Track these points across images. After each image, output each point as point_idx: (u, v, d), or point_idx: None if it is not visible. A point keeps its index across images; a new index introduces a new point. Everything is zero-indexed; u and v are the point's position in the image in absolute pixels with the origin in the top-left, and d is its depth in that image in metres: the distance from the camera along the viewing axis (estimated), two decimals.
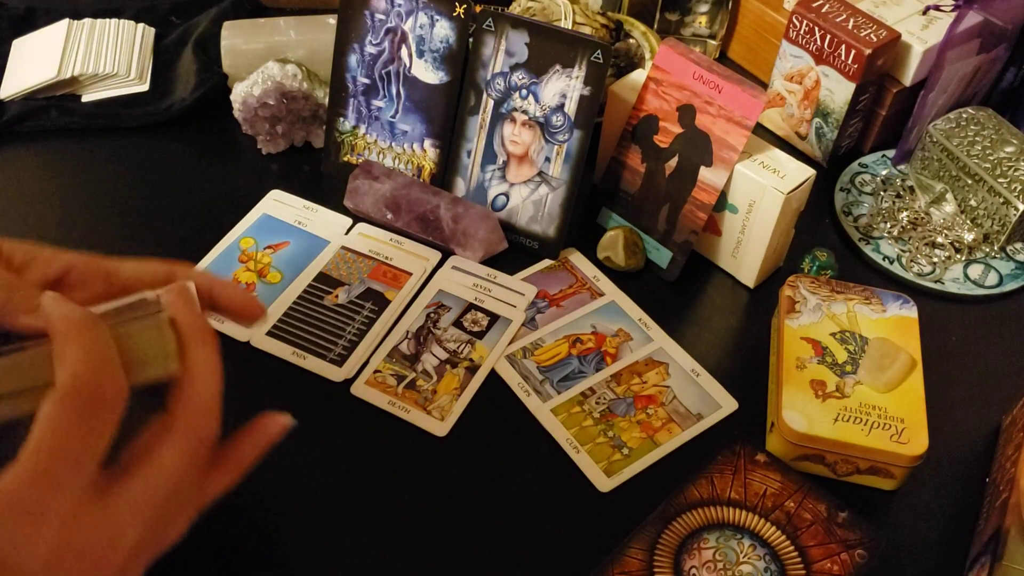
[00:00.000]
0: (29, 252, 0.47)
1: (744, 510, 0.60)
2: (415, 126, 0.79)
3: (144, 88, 0.89)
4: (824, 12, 0.80)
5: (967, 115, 0.82)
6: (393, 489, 0.62)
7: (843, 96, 0.81)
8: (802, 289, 0.70)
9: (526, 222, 0.77)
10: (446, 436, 0.65)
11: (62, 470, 0.38)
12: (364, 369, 0.69)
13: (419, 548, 0.60)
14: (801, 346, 0.66)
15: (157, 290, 0.44)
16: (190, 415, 0.42)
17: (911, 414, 0.62)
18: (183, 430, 0.42)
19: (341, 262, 0.76)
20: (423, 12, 0.75)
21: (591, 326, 0.73)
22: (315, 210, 0.80)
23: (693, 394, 0.68)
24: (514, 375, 0.69)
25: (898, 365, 0.64)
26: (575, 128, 0.73)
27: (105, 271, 0.48)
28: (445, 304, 0.73)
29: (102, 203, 0.81)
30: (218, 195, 0.82)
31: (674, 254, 0.75)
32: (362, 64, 0.79)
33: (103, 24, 0.92)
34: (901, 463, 0.61)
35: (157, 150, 0.86)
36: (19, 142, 0.85)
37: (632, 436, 0.66)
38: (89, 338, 0.40)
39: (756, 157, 0.71)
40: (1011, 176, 0.78)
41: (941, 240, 0.80)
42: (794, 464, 0.63)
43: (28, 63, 0.90)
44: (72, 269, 0.47)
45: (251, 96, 0.81)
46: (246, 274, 0.75)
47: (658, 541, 0.59)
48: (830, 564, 0.57)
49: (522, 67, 0.73)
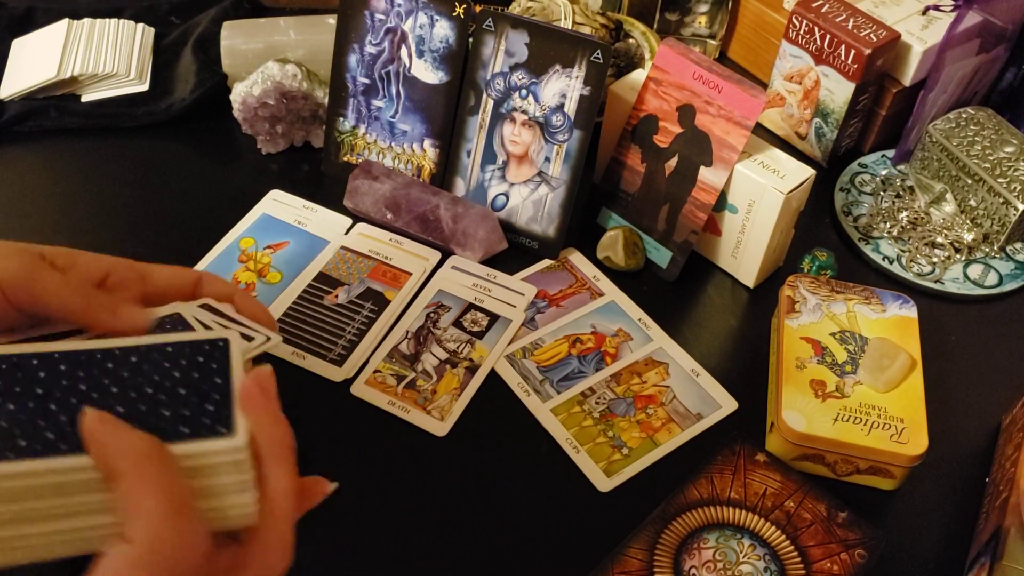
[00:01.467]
0: (69, 256, 0.46)
1: (744, 510, 0.60)
2: (415, 126, 0.79)
3: (144, 88, 0.89)
4: (824, 12, 0.80)
5: (967, 115, 0.82)
6: (393, 489, 0.62)
7: (843, 96, 0.81)
8: (802, 289, 0.70)
9: (526, 222, 0.77)
10: (446, 436, 0.65)
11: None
12: (364, 369, 0.69)
13: (419, 548, 0.60)
14: (801, 346, 0.66)
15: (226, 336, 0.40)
16: (269, 554, 0.38)
17: (911, 414, 0.62)
18: (258, 572, 0.37)
19: (341, 262, 0.76)
20: (423, 12, 0.75)
21: (591, 326, 0.73)
22: (315, 210, 0.80)
23: (693, 394, 0.68)
24: (514, 375, 0.69)
25: (898, 365, 0.64)
26: (575, 128, 0.73)
27: (140, 275, 0.47)
28: (445, 304, 0.73)
29: (102, 203, 0.81)
30: (218, 195, 0.82)
31: (674, 254, 0.75)
32: (362, 64, 0.79)
33: (103, 24, 0.92)
34: (901, 463, 0.61)
35: (157, 150, 0.86)
36: (19, 142, 0.85)
37: (632, 436, 0.66)
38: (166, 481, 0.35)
39: (756, 157, 0.71)
40: (1011, 176, 0.78)
41: (941, 240, 0.80)
42: (794, 464, 0.63)
43: (28, 63, 0.90)
44: (111, 273, 0.46)
45: (251, 96, 0.81)
46: (246, 274, 0.75)
47: (658, 541, 0.59)
48: (830, 564, 0.57)
49: (522, 67, 0.73)
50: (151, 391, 0.38)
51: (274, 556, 0.38)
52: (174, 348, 0.39)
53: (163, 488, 0.34)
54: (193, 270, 0.48)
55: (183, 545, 0.34)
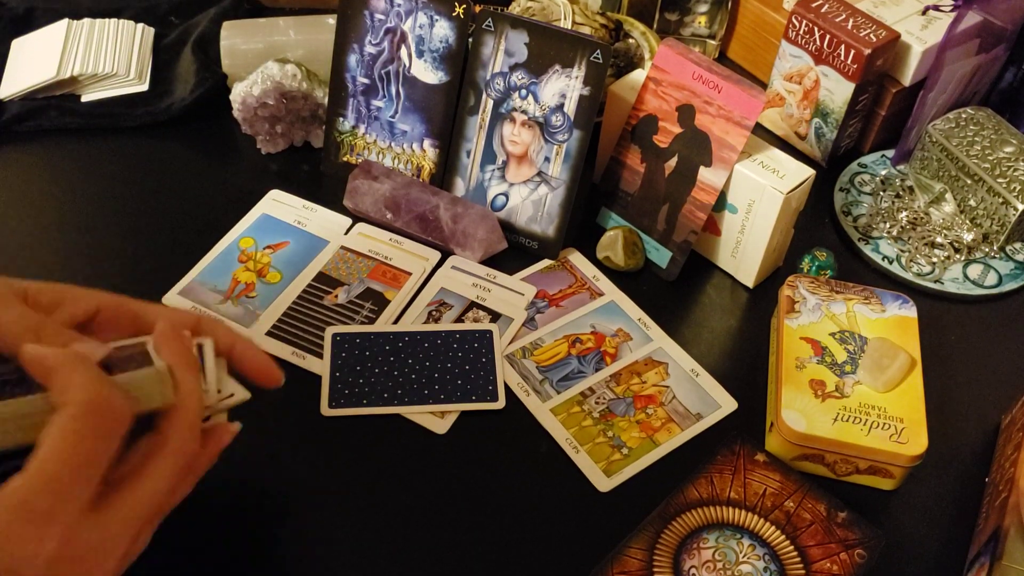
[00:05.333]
0: (58, 292, 0.48)
1: (743, 510, 0.60)
2: (414, 126, 0.79)
3: (143, 88, 0.89)
4: (824, 12, 0.80)
5: (966, 115, 0.82)
6: (393, 488, 0.62)
7: (842, 96, 0.81)
8: (801, 289, 0.70)
9: (525, 222, 0.77)
10: (446, 434, 0.65)
11: (72, 480, 0.40)
12: None
13: (419, 547, 0.60)
14: (800, 346, 0.66)
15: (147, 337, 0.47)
16: (180, 435, 0.45)
17: (910, 414, 0.62)
18: (174, 449, 0.45)
19: (341, 262, 0.76)
20: (423, 12, 0.75)
21: (591, 326, 0.73)
22: (314, 210, 0.80)
23: (692, 394, 0.68)
24: (514, 375, 0.69)
25: (897, 365, 0.64)
26: (574, 128, 0.73)
27: (134, 314, 0.49)
28: (447, 302, 0.73)
29: (102, 203, 0.81)
30: (217, 195, 0.82)
31: (673, 254, 0.76)
32: (362, 64, 0.79)
33: (102, 24, 0.92)
34: (900, 463, 0.61)
35: (157, 150, 0.86)
36: (19, 142, 0.85)
37: (631, 436, 0.66)
38: (92, 367, 0.43)
39: (755, 157, 0.71)
40: (1010, 176, 0.78)
41: (940, 240, 0.80)
42: (793, 464, 0.63)
43: (27, 63, 0.90)
44: (101, 310, 0.49)
45: (250, 96, 0.81)
46: (245, 274, 0.75)
47: (658, 541, 0.59)
48: (829, 564, 0.57)
49: (521, 67, 0.73)
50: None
51: (186, 437, 0.45)
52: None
53: (90, 369, 0.42)
54: (192, 313, 0.51)
55: (112, 406, 0.42)
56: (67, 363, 0.42)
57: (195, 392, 0.46)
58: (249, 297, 0.73)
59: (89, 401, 0.41)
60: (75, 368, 0.42)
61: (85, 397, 0.41)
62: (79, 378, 0.42)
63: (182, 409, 0.45)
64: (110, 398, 0.42)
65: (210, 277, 0.74)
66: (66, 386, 0.42)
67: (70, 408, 0.41)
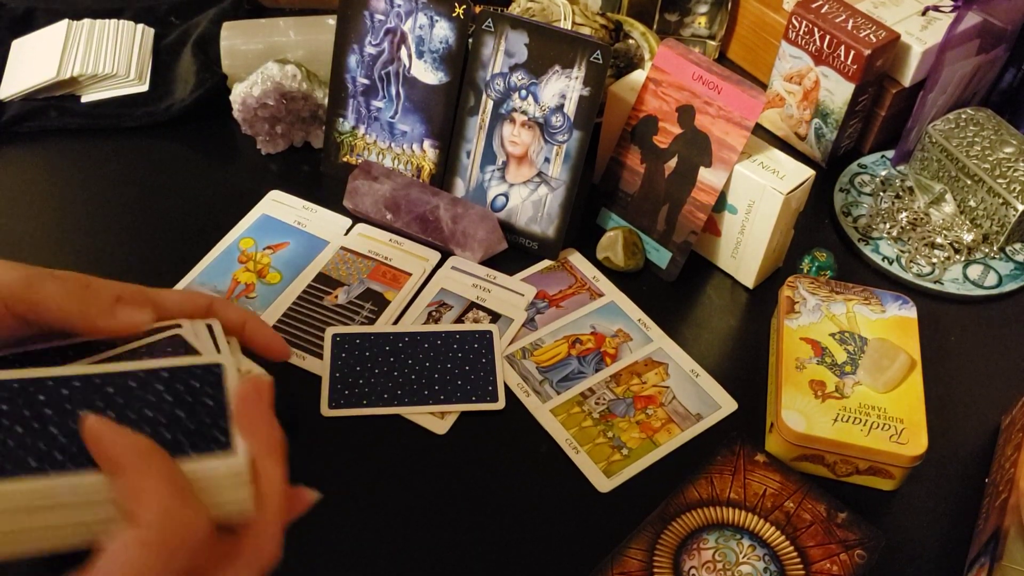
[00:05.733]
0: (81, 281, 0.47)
1: (743, 510, 0.60)
2: (414, 126, 0.79)
3: (143, 88, 0.89)
4: (823, 13, 0.80)
5: (966, 116, 0.82)
6: (393, 488, 0.62)
7: (842, 96, 0.81)
8: (801, 289, 0.70)
9: (525, 222, 0.77)
10: (446, 435, 0.65)
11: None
12: None
13: (419, 547, 0.60)
14: (800, 346, 0.66)
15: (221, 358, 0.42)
16: (260, 544, 0.39)
17: (910, 414, 0.62)
18: (250, 560, 0.39)
19: (340, 262, 0.76)
20: (423, 12, 0.75)
21: (591, 326, 0.73)
22: (314, 210, 0.80)
23: (692, 394, 0.68)
24: (514, 375, 0.69)
25: (897, 365, 0.64)
26: (574, 128, 0.73)
27: (152, 301, 0.47)
28: (447, 303, 0.73)
29: (102, 203, 0.81)
30: (217, 195, 0.82)
31: (673, 254, 0.76)
32: (361, 64, 0.79)
33: (102, 24, 0.92)
34: (900, 463, 0.61)
35: (156, 150, 0.86)
36: (19, 142, 0.85)
37: (632, 436, 0.66)
38: (168, 472, 0.37)
39: (755, 157, 0.71)
40: (1010, 177, 0.78)
41: (940, 240, 0.80)
42: (793, 464, 0.63)
43: (27, 63, 0.90)
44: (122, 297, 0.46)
45: (250, 96, 0.81)
46: (245, 274, 0.75)
47: (657, 541, 0.59)
48: (829, 564, 0.57)
49: (521, 67, 0.73)
50: (151, 414, 0.39)
51: (265, 547, 0.39)
52: (170, 373, 0.41)
53: (167, 476, 0.36)
54: (205, 294, 0.49)
55: (188, 526, 0.36)
56: (140, 462, 0.36)
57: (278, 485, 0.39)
58: (249, 298, 0.73)
59: (163, 526, 0.35)
60: (148, 471, 0.36)
61: (159, 519, 0.35)
62: (153, 485, 0.36)
63: (260, 508, 0.39)
64: (188, 521, 0.36)
65: (210, 278, 0.74)
66: (137, 493, 0.36)
67: (141, 532, 0.35)
